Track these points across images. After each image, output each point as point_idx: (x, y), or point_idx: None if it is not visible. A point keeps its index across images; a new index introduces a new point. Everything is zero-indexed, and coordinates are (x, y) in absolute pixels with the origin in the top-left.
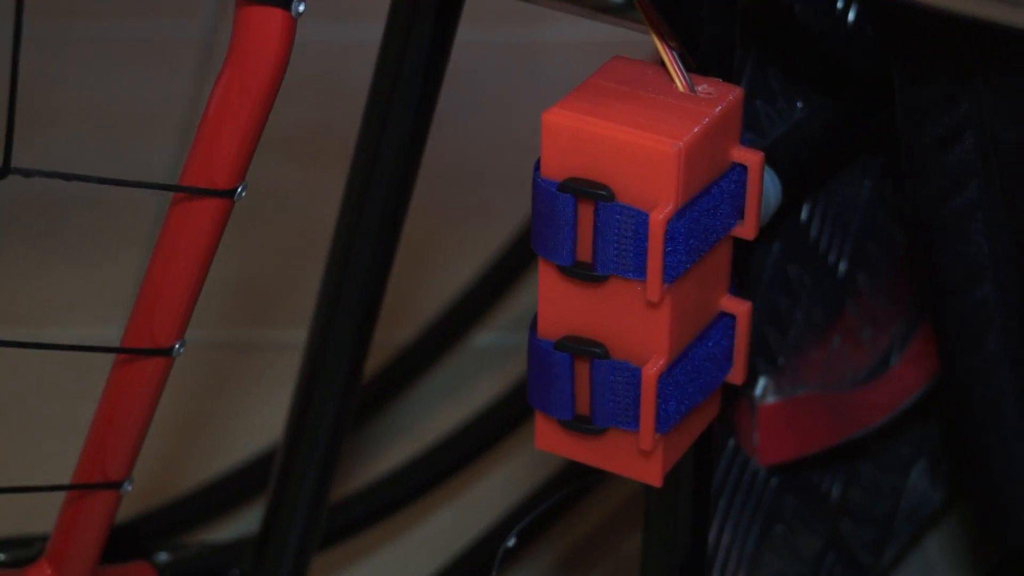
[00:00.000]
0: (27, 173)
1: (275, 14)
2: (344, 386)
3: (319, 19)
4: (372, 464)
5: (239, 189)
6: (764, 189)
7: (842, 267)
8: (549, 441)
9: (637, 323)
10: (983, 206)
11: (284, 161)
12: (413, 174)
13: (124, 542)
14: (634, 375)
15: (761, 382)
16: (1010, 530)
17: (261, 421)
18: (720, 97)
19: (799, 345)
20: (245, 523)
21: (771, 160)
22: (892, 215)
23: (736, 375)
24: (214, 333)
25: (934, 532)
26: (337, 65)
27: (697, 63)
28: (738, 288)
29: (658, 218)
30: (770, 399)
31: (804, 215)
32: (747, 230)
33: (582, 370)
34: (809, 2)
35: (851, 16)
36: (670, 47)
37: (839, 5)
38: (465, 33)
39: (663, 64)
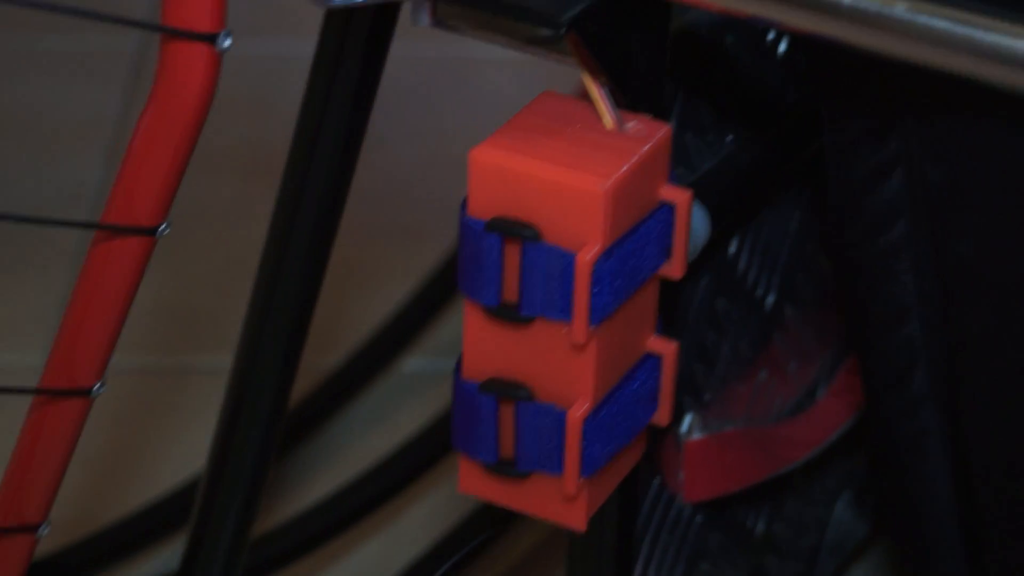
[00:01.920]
0: None
1: (201, 49)
2: (269, 414)
3: (251, 34)
4: (299, 493)
5: (162, 226)
6: (693, 225)
7: (770, 300)
8: (473, 484)
9: (563, 365)
10: (911, 245)
11: (213, 180)
12: (343, 197)
13: None
14: (559, 418)
15: (687, 418)
16: (931, 567)
17: (187, 448)
18: (649, 135)
19: (725, 379)
20: (171, 555)
21: (700, 194)
22: (820, 247)
23: (662, 416)
24: (138, 358)
25: (858, 565)
26: (269, 81)
27: (627, 99)
28: (665, 327)
29: (585, 259)
30: (696, 435)
31: (732, 248)
32: (674, 269)
33: (507, 412)
34: (740, 34)
35: (781, 48)
36: (599, 83)
37: (769, 37)
38: (395, 48)
39: (592, 100)
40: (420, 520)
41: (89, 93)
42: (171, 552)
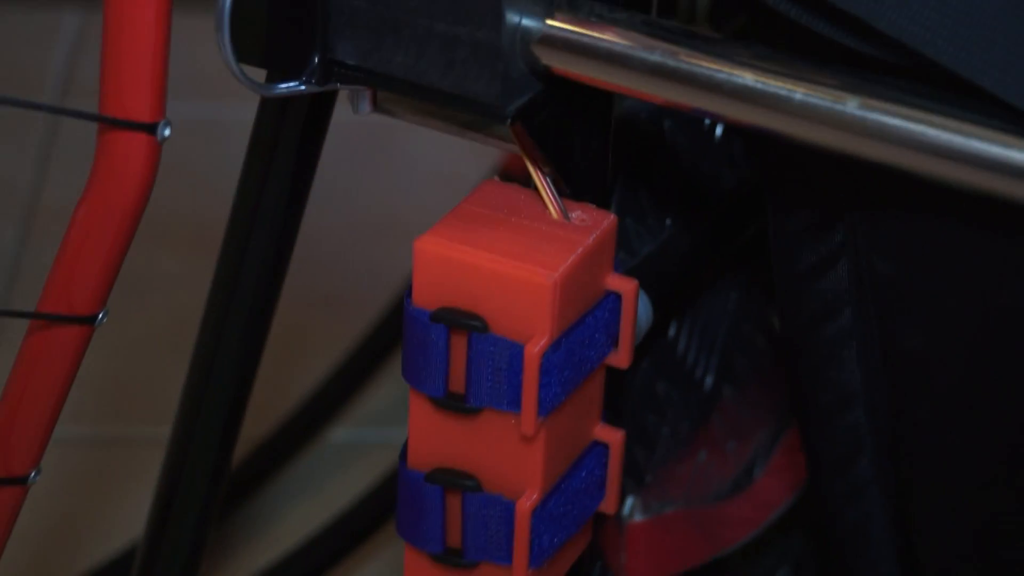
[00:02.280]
0: None
1: (140, 139)
2: (208, 485)
3: (194, 99)
4: (228, 565)
5: (100, 315)
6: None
7: (708, 381)
8: (419, 574)
9: (511, 456)
10: (856, 334)
11: (150, 249)
12: (281, 276)
13: None
14: (507, 509)
15: (628, 501)
16: None
17: (125, 518)
18: (594, 224)
19: (665, 461)
20: None
21: (641, 278)
22: (757, 326)
23: (609, 504)
24: (76, 428)
25: None
26: (201, 146)
27: (570, 189)
28: (610, 414)
29: (533, 351)
30: (637, 518)
31: (672, 331)
32: (621, 359)
33: (454, 502)
34: (678, 119)
35: (718, 132)
36: (543, 172)
37: (707, 121)
38: None
39: (536, 189)
40: None
41: (3, 154)
42: None
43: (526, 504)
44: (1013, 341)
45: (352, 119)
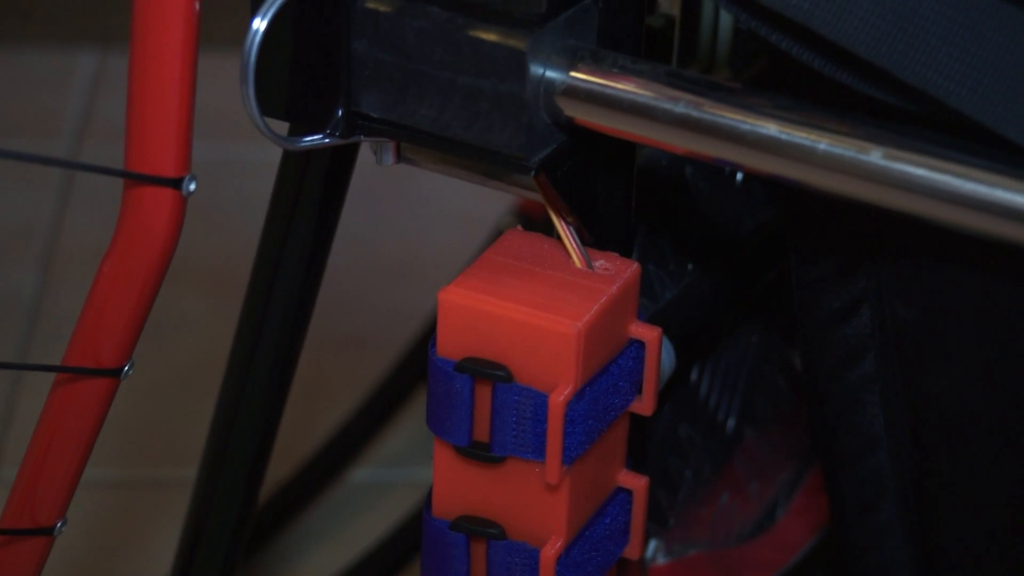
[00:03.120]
0: None
1: (165, 194)
2: (233, 528)
3: (223, 140)
4: None
5: (126, 368)
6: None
7: (731, 423)
8: None
9: (535, 504)
10: (879, 379)
11: (175, 292)
12: (305, 321)
13: None
14: (532, 556)
15: (652, 544)
16: None
17: (152, 560)
18: (618, 273)
19: (688, 503)
20: None
21: (664, 324)
22: (778, 367)
23: (633, 550)
24: (102, 471)
25: None
26: (225, 186)
27: (594, 237)
28: (634, 462)
29: (558, 400)
30: (660, 560)
31: (694, 375)
32: (645, 406)
33: (478, 550)
34: (699, 166)
35: (739, 177)
36: (567, 222)
37: (727, 169)
38: None
39: (559, 238)
40: None
41: (22, 199)
42: None
43: (550, 552)
44: None
45: (372, 161)
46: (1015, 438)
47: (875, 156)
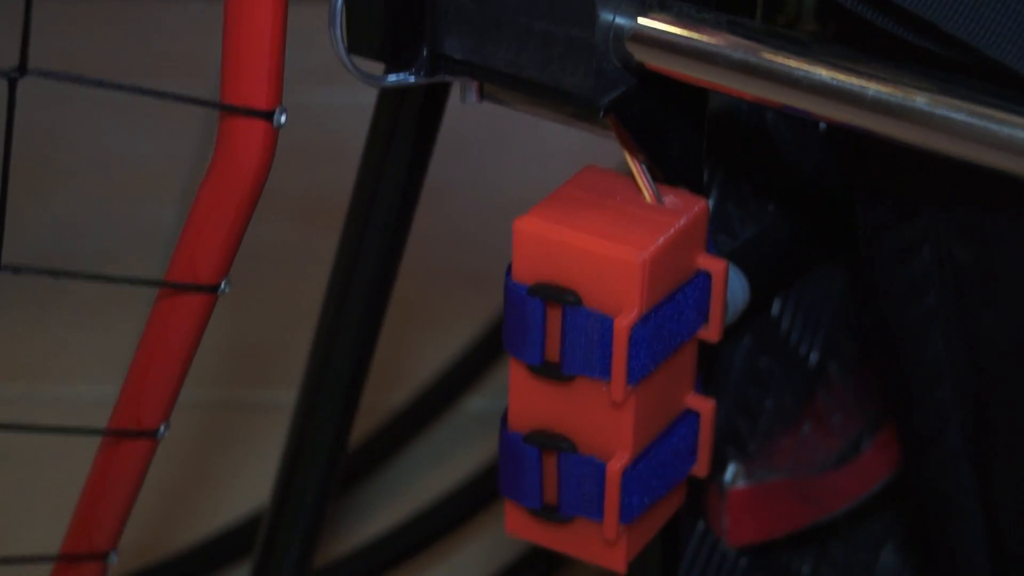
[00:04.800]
0: (16, 270)
1: (258, 125)
2: (330, 450)
3: (323, 85)
4: (363, 527)
5: (222, 285)
6: (732, 290)
7: (813, 358)
8: (519, 527)
9: (603, 421)
10: (940, 315)
11: (284, 222)
12: (399, 254)
13: None
14: (599, 470)
15: (731, 468)
16: None
17: (252, 480)
18: (686, 208)
19: (770, 432)
20: None
21: (740, 261)
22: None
23: (700, 468)
24: (210, 392)
25: None
26: (343, 129)
27: (664, 175)
28: (705, 385)
29: (623, 324)
30: (740, 484)
31: (775, 310)
32: (712, 333)
33: (550, 462)
34: (780, 112)
35: (822, 124)
36: (638, 160)
37: None
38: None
39: (632, 175)
40: (478, 555)
41: (165, 138)
42: None
43: (616, 466)
44: None
45: (499, 107)
46: None
47: (920, 102)
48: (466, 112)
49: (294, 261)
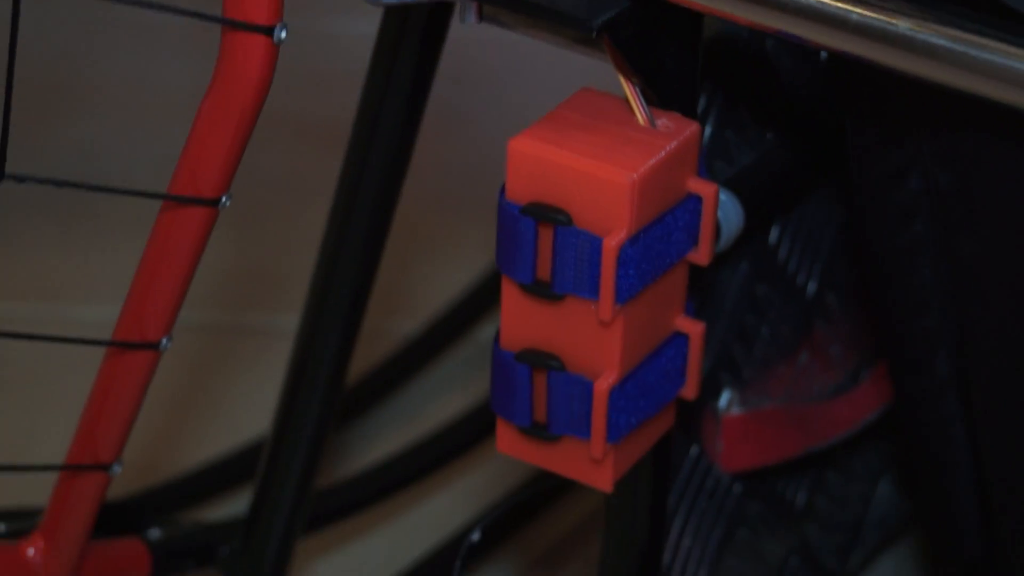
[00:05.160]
0: (20, 179)
1: (258, 40)
2: (331, 374)
3: (330, 14)
4: (371, 453)
5: (223, 199)
6: (726, 215)
7: (811, 287)
8: (509, 445)
9: (591, 340)
10: (928, 242)
11: (292, 148)
12: (400, 177)
13: (118, 518)
14: (587, 388)
15: (726, 394)
16: (963, 547)
17: (262, 403)
18: (677, 131)
19: (766, 360)
20: (239, 505)
21: (736, 187)
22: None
23: (689, 390)
24: (214, 315)
25: (895, 549)
26: (350, 57)
27: (659, 98)
28: (699, 309)
29: (611, 244)
30: (734, 410)
31: (773, 238)
32: (701, 256)
33: (540, 381)
34: (780, 40)
35: (823, 53)
36: (632, 83)
37: None
38: (480, 29)
39: (626, 98)
40: (484, 480)
41: (190, 60)
42: (241, 500)
43: (604, 384)
44: None
45: (518, 36)
46: None
47: (902, 27)
48: (484, 43)
49: (301, 186)
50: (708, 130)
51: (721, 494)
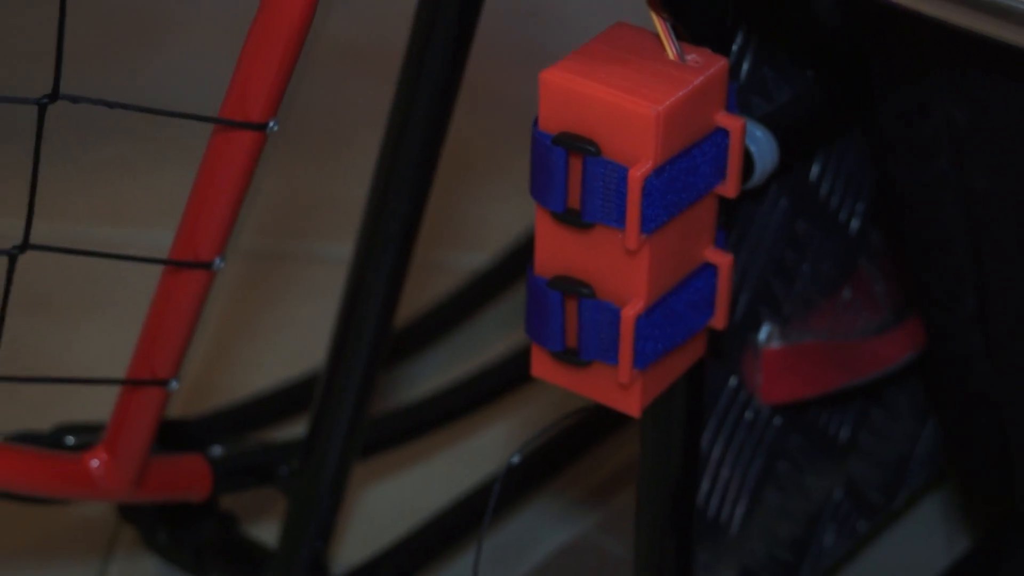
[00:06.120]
0: (74, 99)
1: None
2: (383, 303)
3: None
4: (443, 381)
5: (271, 123)
6: (760, 151)
7: (854, 224)
8: (543, 369)
9: (619, 267)
10: (951, 178)
11: (336, 76)
12: (451, 105)
13: (182, 437)
14: (615, 315)
15: (765, 328)
16: (1001, 485)
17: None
18: (706, 66)
19: (807, 296)
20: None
21: (772, 123)
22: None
23: (718, 320)
24: (264, 242)
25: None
26: None
27: (690, 34)
28: (737, 243)
29: (636, 174)
30: (774, 344)
31: (814, 175)
32: (728, 189)
33: (571, 307)
34: None
35: None
36: (663, 18)
37: None
38: None
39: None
40: (540, 412)
41: None
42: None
43: (631, 312)
44: None
45: None
46: None
47: None
48: None
49: (335, 114)
50: (746, 67)
51: (761, 426)
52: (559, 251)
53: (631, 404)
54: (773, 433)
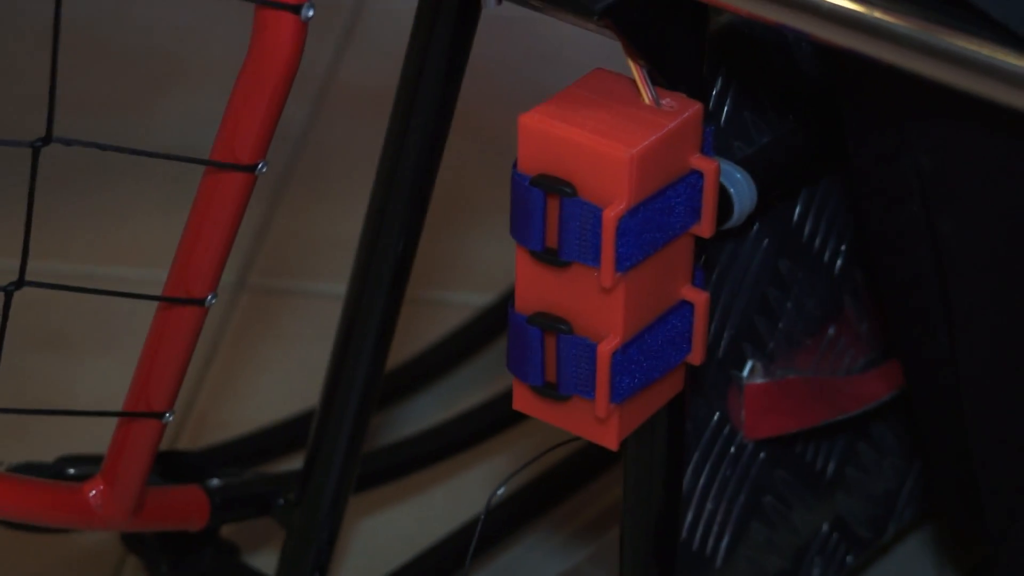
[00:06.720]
0: (67, 142)
1: (286, 18)
2: (377, 338)
3: None
4: (437, 417)
5: (260, 165)
6: (740, 192)
7: (838, 264)
8: (524, 403)
9: (595, 305)
10: (920, 222)
11: (351, 118)
12: (441, 143)
13: (182, 469)
14: (592, 350)
15: (749, 364)
16: (960, 515)
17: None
18: (680, 110)
19: (791, 334)
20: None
21: (751, 165)
22: None
23: (695, 357)
24: (263, 280)
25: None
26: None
27: (665, 79)
28: (718, 281)
29: (611, 215)
30: (757, 380)
31: (797, 214)
32: (704, 229)
33: (550, 343)
34: None
35: None
36: (639, 64)
37: None
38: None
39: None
40: (536, 448)
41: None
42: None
43: (607, 347)
44: None
45: None
46: (1014, 273)
47: (874, 17)
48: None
49: (351, 155)
50: (726, 110)
51: (745, 461)
52: (538, 289)
53: (608, 437)
54: (758, 467)
